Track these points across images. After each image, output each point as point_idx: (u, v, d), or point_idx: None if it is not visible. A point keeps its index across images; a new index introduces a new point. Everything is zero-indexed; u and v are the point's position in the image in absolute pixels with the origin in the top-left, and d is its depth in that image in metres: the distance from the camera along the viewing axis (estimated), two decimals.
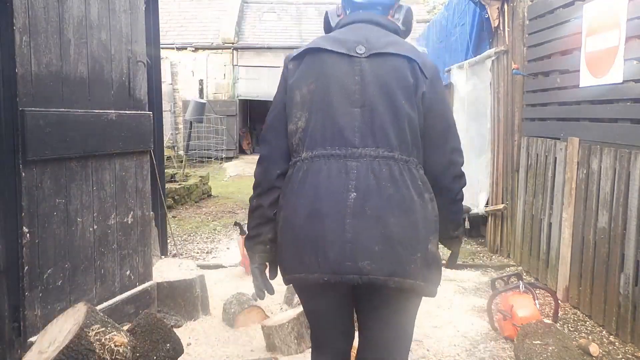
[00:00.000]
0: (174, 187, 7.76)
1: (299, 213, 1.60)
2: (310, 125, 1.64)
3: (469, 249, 5.39)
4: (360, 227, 1.53)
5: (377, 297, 1.63)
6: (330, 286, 1.58)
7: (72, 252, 2.53)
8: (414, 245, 1.55)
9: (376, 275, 1.52)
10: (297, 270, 1.62)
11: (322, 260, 1.54)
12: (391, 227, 1.53)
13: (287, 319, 2.88)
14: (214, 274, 4.34)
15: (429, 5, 18.25)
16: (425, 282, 1.59)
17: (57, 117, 2.38)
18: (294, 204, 1.62)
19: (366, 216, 1.53)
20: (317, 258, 1.55)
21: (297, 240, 1.61)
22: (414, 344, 3.03)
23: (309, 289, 1.71)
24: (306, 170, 1.62)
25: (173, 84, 15.22)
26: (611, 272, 3.24)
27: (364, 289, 1.61)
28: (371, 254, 1.52)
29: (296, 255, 1.61)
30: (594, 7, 3.49)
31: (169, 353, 2.25)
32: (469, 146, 5.69)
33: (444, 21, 6.88)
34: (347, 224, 1.53)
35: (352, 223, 1.53)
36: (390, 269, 1.52)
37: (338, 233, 1.53)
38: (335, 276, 1.54)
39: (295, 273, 1.63)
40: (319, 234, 1.56)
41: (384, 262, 1.52)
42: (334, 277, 1.54)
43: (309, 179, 1.61)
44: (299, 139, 1.65)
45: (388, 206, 1.54)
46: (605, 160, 3.33)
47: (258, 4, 17.46)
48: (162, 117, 4.11)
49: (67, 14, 2.46)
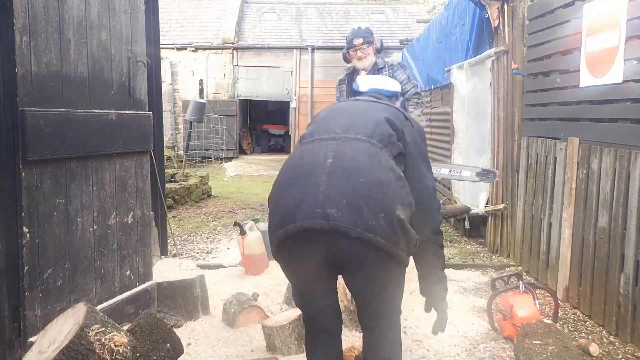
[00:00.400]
0: (174, 187, 7.76)
1: (285, 176, 1.94)
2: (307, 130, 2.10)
3: (469, 249, 5.40)
4: (332, 183, 1.80)
5: (357, 261, 1.84)
6: (306, 242, 1.81)
7: (72, 252, 2.53)
8: (379, 205, 1.78)
9: (341, 223, 1.74)
10: (279, 227, 1.85)
11: (297, 210, 1.79)
12: (359, 186, 1.79)
13: (287, 320, 2.88)
14: (214, 274, 4.34)
15: (429, 5, 18.27)
16: (388, 241, 1.78)
17: (57, 117, 2.38)
18: (282, 171, 1.98)
19: (338, 175, 1.81)
20: (294, 209, 1.80)
21: (282, 197, 1.89)
22: (414, 344, 3.04)
23: (290, 248, 1.89)
24: (297, 150, 2.02)
25: (173, 84, 15.23)
26: (611, 272, 3.24)
27: (343, 256, 1.83)
28: (339, 205, 1.76)
29: (280, 212, 1.87)
30: (594, 7, 3.49)
31: (169, 353, 2.25)
32: (469, 146, 5.69)
33: (444, 21, 6.88)
34: (322, 180, 1.81)
35: (326, 180, 1.81)
36: (353, 220, 1.75)
37: (314, 187, 1.80)
38: (306, 222, 1.77)
39: (278, 230, 1.85)
40: (299, 189, 1.84)
41: (349, 213, 1.75)
42: (306, 222, 1.77)
43: (296, 153, 2.00)
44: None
45: (359, 170, 1.83)
46: (605, 160, 3.33)
47: (258, 4, 17.46)
48: (162, 117, 4.11)
49: (67, 14, 2.46)
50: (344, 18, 17.08)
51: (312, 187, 1.81)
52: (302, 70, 15.41)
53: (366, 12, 17.58)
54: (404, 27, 15.95)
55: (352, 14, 17.31)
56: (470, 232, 5.81)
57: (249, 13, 16.94)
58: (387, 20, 16.81)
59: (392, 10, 17.75)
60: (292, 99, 15.46)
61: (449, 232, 6.20)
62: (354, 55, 4.09)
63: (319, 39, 15.74)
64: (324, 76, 15.29)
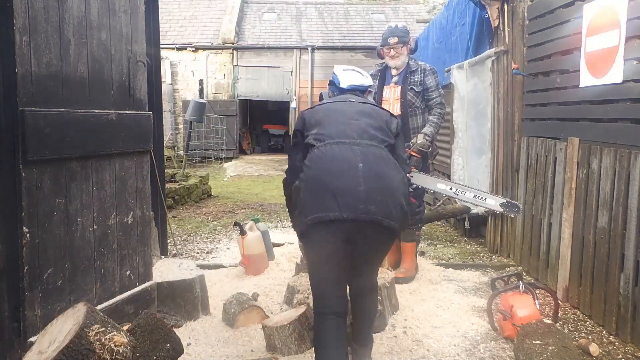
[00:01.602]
0: (174, 187, 7.76)
1: (321, 171, 2.35)
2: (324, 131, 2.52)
3: (469, 249, 5.40)
4: (369, 183, 2.32)
5: (370, 238, 2.38)
6: (340, 226, 2.28)
7: (72, 252, 2.53)
8: (396, 199, 2.39)
9: (378, 216, 2.30)
10: (319, 211, 2.30)
11: (341, 203, 2.27)
12: (385, 188, 2.36)
13: (288, 320, 2.88)
14: (214, 274, 4.34)
15: (429, 5, 18.27)
16: (400, 225, 2.43)
17: (57, 117, 2.38)
18: (316, 166, 2.37)
19: (372, 179, 2.34)
20: (337, 202, 2.27)
21: (320, 191, 2.32)
22: (414, 344, 3.04)
23: (323, 228, 2.30)
24: (324, 148, 2.41)
25: (173, 84, 15.24)
26: (611, 272, 3.24)
27: (362, 232, 2.33)
28: (375, 202, 2.30)
29: (318, 201, 2.31)
30: (594, 7, 3.49)
31: (169, 353, 2.25)
32: (469, 146, 5.69)
33: (444, 21, 6.88)
34: (360, 181, 2.31)
35: (364, 182, 2.31)
36: (385, 213, 2.33)
37: (354, 186, 2.29)
38: (351, 214, 2.27)
39: (317, 213, 2.30)
40: (338, 186, 2.29)
41: (382, 207, 2.32)
42: (350, 214, 2.27)
43: (327, 153, 2.40)
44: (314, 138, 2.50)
45: (382, 174, 2.39)
46: (605, 160, 3.33)
47: (258, 4, 17.46)
48: (162, 117, 4.11)
49: (67, 14, 2.46)
50: (344, 18, 17.09)
51: (352, 186, 2.30)
52: (302, 70, 15.42)
53: (366, 12, 17.59)
54: None
55: (352, 14, 17.33)
56: (470, 232, 5.81)
57: (248, 13, 16.95)
58: (387, 20, 16.79)
59: (392, 10, 17.76)
60: (292, 99, 15.47)
61: (449, 232, 6.20)
62: (387, 52, 4.17)
63: (318, 39, 15.75)
64: (324, 76, 15.30)
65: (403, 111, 4.13)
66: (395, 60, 4.15)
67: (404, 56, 4.15)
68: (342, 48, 15.50)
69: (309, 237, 2.40)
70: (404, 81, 4.17)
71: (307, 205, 2.35)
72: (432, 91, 4.13)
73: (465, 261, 4.91)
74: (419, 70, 4.16)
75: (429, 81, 4.13)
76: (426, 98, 4.15)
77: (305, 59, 15.33)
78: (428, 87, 4.12)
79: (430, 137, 4.01)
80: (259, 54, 15.43)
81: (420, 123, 4.14)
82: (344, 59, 15.35)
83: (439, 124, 4.10)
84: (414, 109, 4.15)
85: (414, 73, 4.16)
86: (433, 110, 4.13)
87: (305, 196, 2.37)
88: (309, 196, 2.36)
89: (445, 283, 4.17)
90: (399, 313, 3.45)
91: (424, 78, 4.12)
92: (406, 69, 4.18)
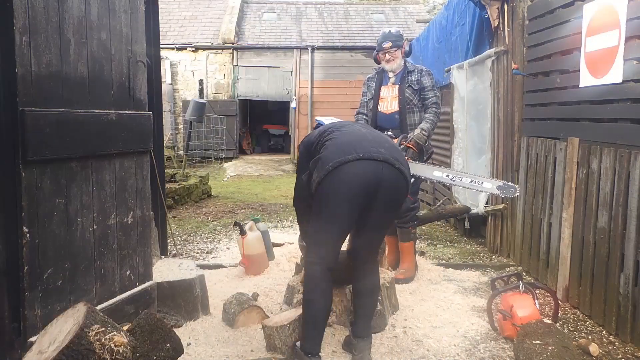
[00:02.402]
0: (174, 187, 7.76)
1: (339, 142, 2.69)
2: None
3: (469, 249, 5.40)
4: (377, 140, 2.75)
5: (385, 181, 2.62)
6: (359, 165, 2.57)
7: (72, 252, 2.53)
8: (401, 156, 2.76)
9: (389, 157, 2.63)
10: (339, 157, 2.58)
11: (358, 149, 2.61)
12: (392, 144, 2.82)
13: (288, 320, 2.88)
14: (214, 274, 4.34)
15: (429, 5, 18.29)
16: (408, 173, 2.73)
17: (57, 117, 2.38)
18: (334, 144, 2.69)
19: (380, 139, 2.79)
20: (354, 150, 2.61)
21: (339, 150, 2.62)
22: (414, 344, 3.04)
23: (343, 168, 2.57)
24: (337, 134, 2.78)
25: (173, 84, 15.24)
26: (611, 272, 3.24)
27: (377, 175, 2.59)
28: (384, 147, 2.69)
29: (338, 153, 2.61)
30: (594, 7, 3.49)
31: (169, 353, 2.25)
32: (469, 146, 5.69)
33: (444, 21, 6.88)
34: (370, 140, 2.72)
35: (372, 139, 2.73)
36: (395, 157, 2.67)
37: (367, 142, 2.68)
38: (367, 154, 2.59)
39: (337, 159, 2.58)
40: (353, 142, 2.67)
41: (392, 152, 2.69)
42: (367, 154, 2.59)
43: (342, 136, 2.75)
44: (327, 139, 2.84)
45: (388, 140, 2.89)
46: (605, 160, 3.33)
47: (258, 4, 17.46)
48: (162, 117, 4.10)
49: (67, 14, 2.46)
50: (344, 18, 17.08)
51: (365, 142, 2.67)
52: (302, 70, 15.42)
53: (366, 12, 17.59)
54: (403, 27, 15.93)
55: (352, 14, 17.32)
56: (470, 232, 5.81)
57: (248, 13, 16.95)
58: (387, 20, 16.81)
59: (392, 10, 17.75)
60: (292, 99, 15.47)
61: (449, 232, 6.20)
62: (382, 57, 4.36)
63: (319, 39, 15.75)
64: (324, 76, 15.31)
65: (401, 108, 4.26)
66: (390, 64, 4.32)
67: (399, 59, 4.32)
68: (342, 48, 15.51)
69: (327, 180, 2.60)
70: (401, 80, 4.32)
71: (330, 156, 2.62)
72: (428, 91, 4.27)
73: (465, 261, 4.91)
74: (415, 71, 4.33)
75: (426, 81, 4.28)
76: (423, 97, 4.29)
77: (305, 59, 15.33)
78: (424, 87, 4.27)
79: (427, 132, 4.11)
80: (259, 54, 15.43)
81: (418, 120, 4.27)
82: (343, 59, 15.36)
83: (435, 121, 4.23)
84: (411, 106, 4.27)
85: (412, 73, 4.32)
86: (429, 109, 4.26)
87: (326, 153, 2.66)
88: (329, 153, 2.65)
89: (445, 283, 4.17)
90: (399, 313, 3.45)
91: (421, 78, 4.29)
92: (403, 70, 4.34)
